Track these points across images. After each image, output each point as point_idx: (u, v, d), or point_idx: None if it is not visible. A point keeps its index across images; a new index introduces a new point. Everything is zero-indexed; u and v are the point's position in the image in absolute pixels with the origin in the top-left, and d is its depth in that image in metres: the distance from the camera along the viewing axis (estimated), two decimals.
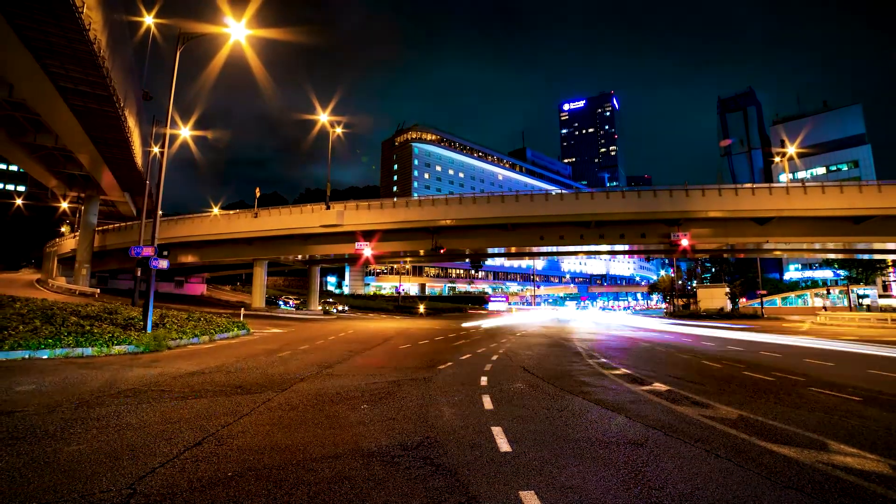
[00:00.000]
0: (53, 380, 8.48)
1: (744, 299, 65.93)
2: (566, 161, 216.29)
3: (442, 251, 41.40)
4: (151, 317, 15.54)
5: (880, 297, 61.60)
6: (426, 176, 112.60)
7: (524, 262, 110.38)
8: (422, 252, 44.33)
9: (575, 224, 38.67)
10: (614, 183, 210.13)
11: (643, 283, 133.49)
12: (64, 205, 60.95)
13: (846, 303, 56.80)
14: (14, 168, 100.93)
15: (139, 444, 4.89)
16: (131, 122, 32.37)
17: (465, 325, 33.21)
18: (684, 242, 35.89)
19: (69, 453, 4.56)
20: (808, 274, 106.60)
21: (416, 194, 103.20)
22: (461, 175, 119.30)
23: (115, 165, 38.98)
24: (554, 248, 44.74)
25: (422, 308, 60.85)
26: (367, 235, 41.15)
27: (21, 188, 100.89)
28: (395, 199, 42.94)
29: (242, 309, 34.40)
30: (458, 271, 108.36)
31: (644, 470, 4.38)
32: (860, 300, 59.24)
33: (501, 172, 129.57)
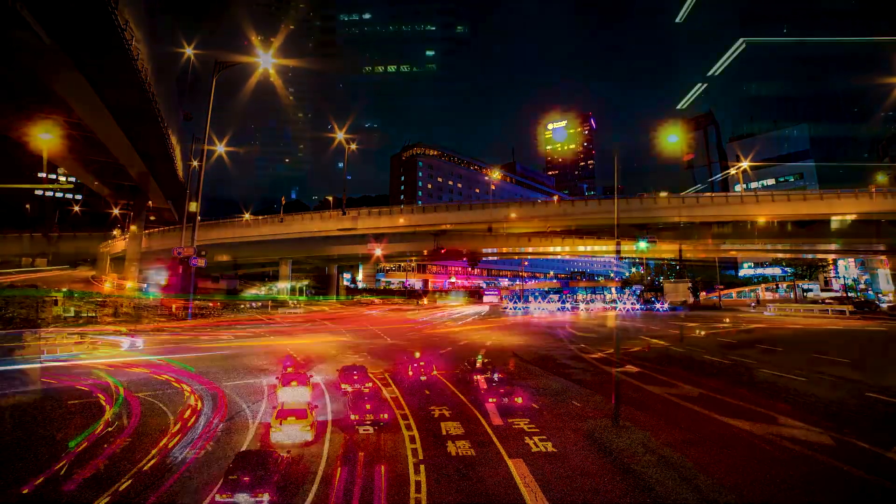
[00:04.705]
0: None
1: (704, 293, 65.69)
2: (550, 173, 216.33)
3: (443, 251, 41.40)
4: (192, 308, 15.56)
5: (822, 291, 61.39)
6: (429, 186, 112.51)
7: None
8: (425, 252, 44.27)
9: (558, 228, 38.71)
10: (592, 192, 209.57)
11: (617, 279, 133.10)
12: (115, 211, 60.74)
13: (793, 296, 56.61)
14: (73, 179, 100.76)
15: None
16: (174, 140, 32.26)
17: (463, 315, 33.17)
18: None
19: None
20: (760, 271, 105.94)
21: (420, 202, 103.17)
22: (459, 185, 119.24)
23: (160, 177, 38.82)
24: (540, 249, 44.75)
25: (426, 301, 60.71)
26: (378, 237, 41.11)
27: (78, 197, 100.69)
28: (402, 206, 42.92)
29: (270, 301, 34.47)
30: (456, 268, 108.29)
31: (618, 441, 4.39)
32: (805, 294, 59.08)
33: (494, 183, 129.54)
